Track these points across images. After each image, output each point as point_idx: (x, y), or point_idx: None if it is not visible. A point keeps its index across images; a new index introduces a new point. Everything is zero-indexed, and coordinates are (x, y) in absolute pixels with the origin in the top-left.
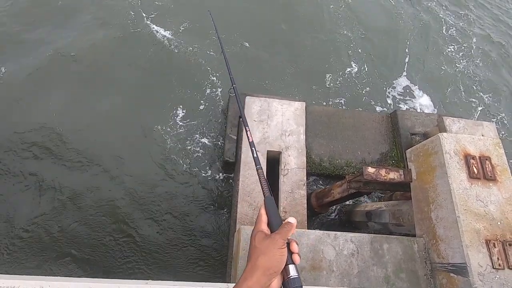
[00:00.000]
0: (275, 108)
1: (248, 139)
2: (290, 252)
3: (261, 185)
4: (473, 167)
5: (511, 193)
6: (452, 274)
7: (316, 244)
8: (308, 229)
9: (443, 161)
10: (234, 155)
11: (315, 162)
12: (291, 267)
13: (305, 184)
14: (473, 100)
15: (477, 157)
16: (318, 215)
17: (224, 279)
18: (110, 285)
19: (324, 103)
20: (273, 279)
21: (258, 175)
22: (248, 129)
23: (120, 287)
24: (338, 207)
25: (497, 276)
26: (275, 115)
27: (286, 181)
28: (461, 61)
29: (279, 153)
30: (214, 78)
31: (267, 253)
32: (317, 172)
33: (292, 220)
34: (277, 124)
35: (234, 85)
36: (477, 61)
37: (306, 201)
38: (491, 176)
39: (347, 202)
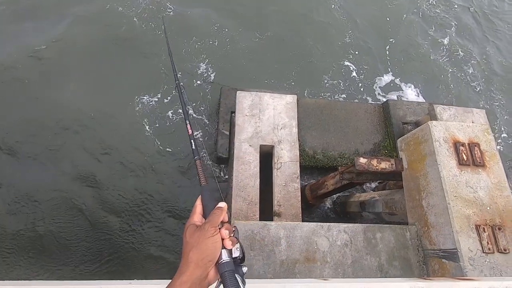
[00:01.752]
0: (267, 102)
1: (188, 132)
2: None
3: (198, 174)
4: (463, 154)
5: (500, 178)
6: (443, 260)
7: (310, 236)
8: (303, 221)
9: (433, 149)
10: (227, 151)
11: (308, 155)
12: (223, 252)
13: (299, 177)
14: (464, 86)
15: (466, 144)
16: (313, 207)
17: None
18: (93, 287)
19: (316, 91)
20: (209, 268)
21: (196, 166)
22: (188, 123)
23: None
24: (334, 198)
25: (487, 260)
26: (266, 109)
27: (279, 174)
28: (450, 49)
29: (272, 147)
30: (207, 73)
31: (198, 245)
32: (311, 164)
33: (222, 204)
34: (269, 118)
35: (177, 82)
36: (466, 49)
37: (300, 194)
38: (480, 162)
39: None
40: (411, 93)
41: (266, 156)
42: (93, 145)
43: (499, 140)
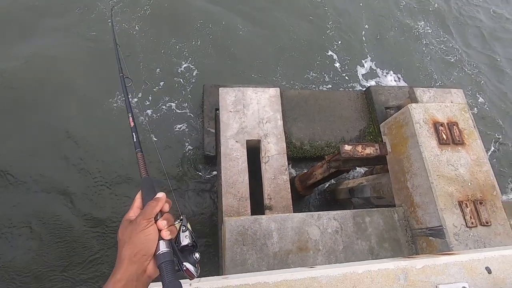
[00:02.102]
0: (250, 96)
1: (130, 124)
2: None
3: (138, 167)
4: (442, 133)
5: (479, 154)
6: (430, 238)
7: (301, 226)
8: (295, 212)
9: (413, 131)
10: (214, 149)
11: (296, 146)
12: (161, 243)
13: (287, 169)
14: (442, 67)
15: (445, 124)
16: (304, 197)
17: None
18: None
19: (301, 83)
20: (145, 263)
21: (137, 158)
22: (130, 115)
23: None
24: (325, 187)
25: (471, 234)
26: (250, 103)
27: (268, 168)
28: (424, 33)
29: (258, 141)
30: (189, 70)
31: (130, 240)
32: (299, 156)
33: (159, 194)
34: (253, 112)
35: (121, 74)
36: (440, 30)
37: (289, 186)
38: (459, 140)
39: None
40: (391, 78)
41: (254, 151)
42: (69, 154)
43: (474, 103)
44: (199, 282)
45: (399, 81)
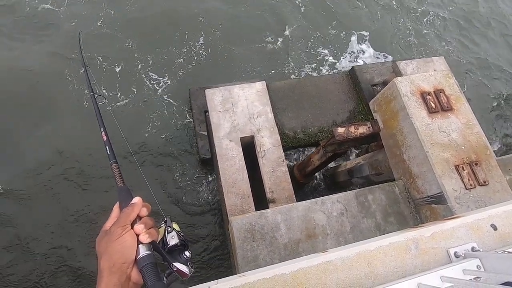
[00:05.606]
0: (237, 94)
1: (103, 139)
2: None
3: (114, 177)
4: (430, 102)
5: (468, 117)
6: (433, 205)
7: (307, 214)
8: (298, 202)
9: (402, 104)
10: (209, 151)
11: (289, 137)
12: (140, 247)
13: (284, 160)
14: (421, 38)
15: (432, 92)
16: (305, 185)
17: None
18: None
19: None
20: (127, 270)
21: (112, 169)
22: (102, 130)
23: None
24: (323, 173)
25: (471, 195)
26: (238, 101)
27: (265, 162)
28: (397, 8)
29: (252, 137)
30: (174, 78)
31: (106, 251)
32: (294, 145)
33: (135, 200)
34: (243, 109)
35: (92, 93)
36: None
37: (289, 176)
38: (447, 107)
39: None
40: (374, 55)
41: (249, 147)
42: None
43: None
44: (217, 284)
45: (386, 56)
